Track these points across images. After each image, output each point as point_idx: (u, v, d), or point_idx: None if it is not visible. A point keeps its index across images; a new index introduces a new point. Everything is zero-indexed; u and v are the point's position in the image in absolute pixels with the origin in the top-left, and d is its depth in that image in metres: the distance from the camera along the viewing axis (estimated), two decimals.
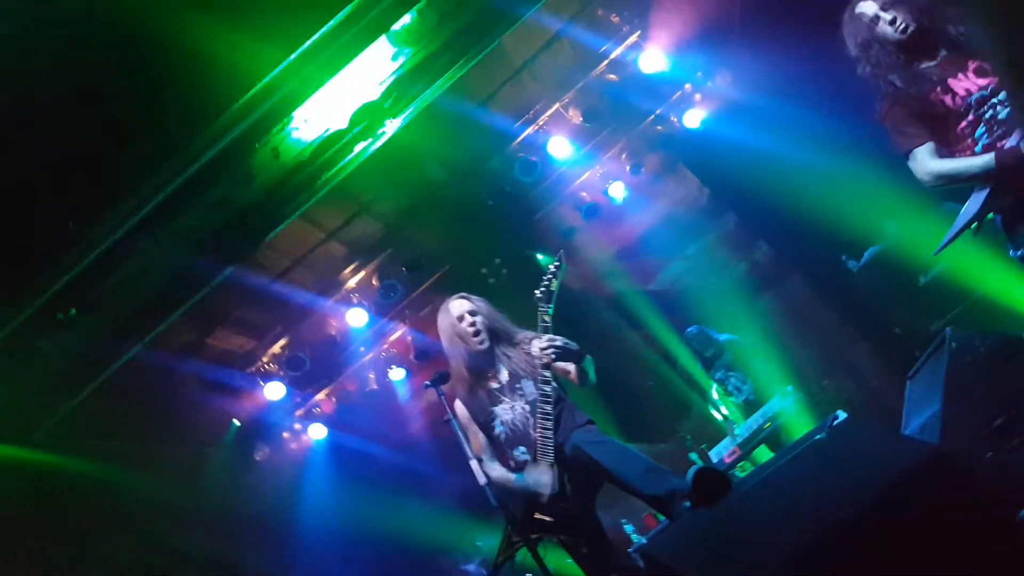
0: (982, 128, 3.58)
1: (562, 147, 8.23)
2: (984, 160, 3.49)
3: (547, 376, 4.44)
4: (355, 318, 8.69)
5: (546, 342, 4.42)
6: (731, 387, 8.37)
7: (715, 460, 7.34)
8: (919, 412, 4.15)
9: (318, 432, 9.27)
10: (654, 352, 9.85)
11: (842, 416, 5.10)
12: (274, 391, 8.63)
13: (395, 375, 9.36)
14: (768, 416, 7.33)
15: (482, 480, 4.06)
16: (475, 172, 8.34)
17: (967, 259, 5.80)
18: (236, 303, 7.90)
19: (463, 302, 4.89)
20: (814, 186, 7.35)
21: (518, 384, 4.66)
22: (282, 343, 8.84)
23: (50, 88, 4.10)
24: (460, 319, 4.80)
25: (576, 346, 4.51)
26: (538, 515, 4.27)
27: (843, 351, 8.50)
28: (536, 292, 4.59)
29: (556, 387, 4.55)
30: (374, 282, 8.73)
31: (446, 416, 4.33)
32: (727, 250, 10.08)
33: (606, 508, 4.63)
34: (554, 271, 4.65)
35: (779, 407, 7.40)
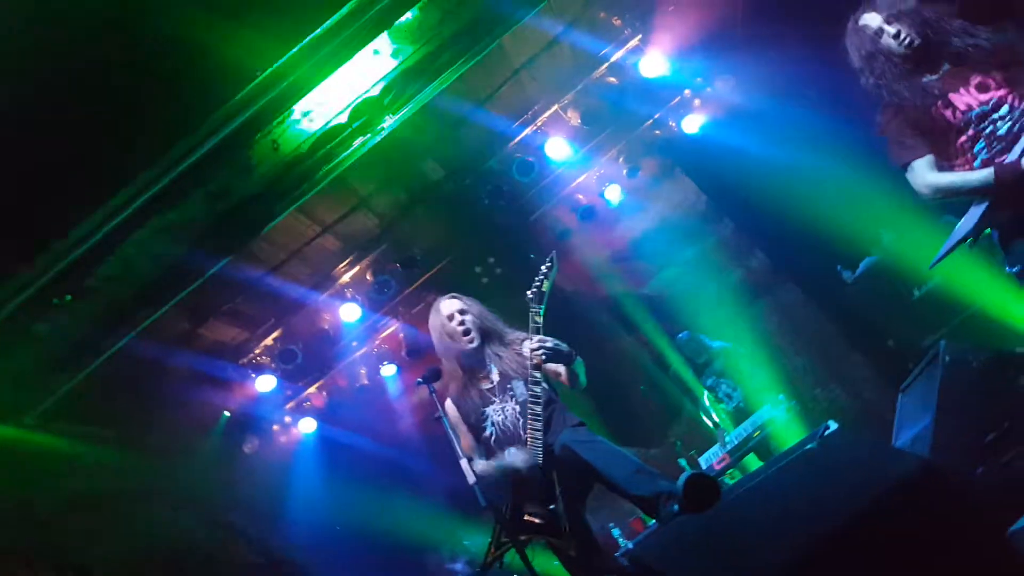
0: (981, 143, 3.60)
1: (560, 148, 8.21)
2: (983, 175, 3.50)
3: (537, 377, 4.43)
4: (348, 313, 8.66)
5: (536, 343, 4.42)
6: (722, 394, 8.37)
7: (704, 467, 7.34)
8: (911, 425, 4.16)
9: (308, 426, 9.28)
10: (646, 356, 9.84)
11: (833, 427, 5.10)
12: (265, 383, 8.62)
13: (387, 371, 9.33)
14: (758, 424, 7.33)
15: (471, 479, 4.05)
16: (472, 171, 8.33)
17: (962, 273, 5.82)
18: (230, 294, 7.89)
19: (453, 301, 4.90)
20: (811, 195, 7.35)
21: (509, 385, 4.66)
22: (275, 336, 8.82)
23: (50, 75, 4.08)
24: (450, 318, 4.81)
25: (567, 347, 4.52)
26: (527, 517, 4.27)
27: (836, 361, 8.50)
28: (528, 293, 4.58)
29: (547, 388, 4.55)
30: (368, 277, 8.70)
31: (436, 414, 4.33)
32: (722, 257, 10.05)
33: (594, 512, 4.61)
34: (545, 272, 4.64)
35: (770, 416, 7.40)
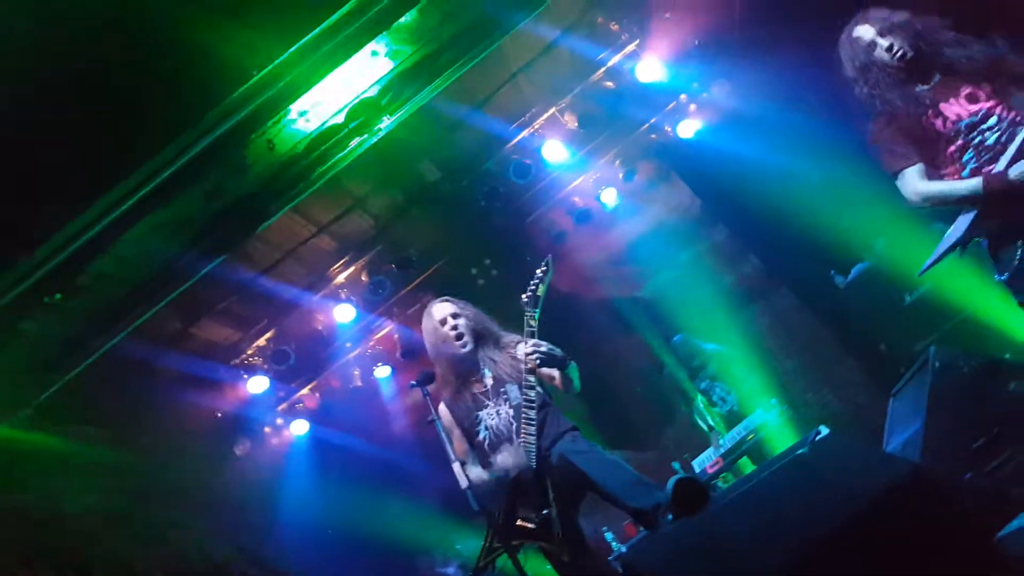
0: (970, 153, 3.66)
1: (557, 151, 8.22)
2: (971, 184, 3.56)
3: (531, 381, 4.42)
4: (342, 314, 8.62)
5: (531, 347, 4.41)
6: (716, 397, 8.39)
7: (698, 470, 7.35)
8: (901, 430, 4.18)
9: (300, 428, 9.19)
10: (641, 359, 9.86)
11: (824, 431, 5.12)
12: (257, 384, 8.58)
13: (380, 373, 9.29)
14: (751, 428, 7.34)
15: (464, 483, 4.06)
16: (469, 172, 8.33)
17: (953, 279, 5.85)
18: (223, 294, 7.87)
19: (446, 305, 4.88)
20: (805, 201, 7.37)
21: (503, 388, 4.65)
22: (267, 336, 8.78)
23: (46, 72, 4.08)
24: (443, 322, 4.79)
25: (560, 352, 4.50)
26: (520, 522, 4.26)
27: (828, 366, 8.52)
28: (523, 297, 4.57)
29: (541, 392, 4.54)
30: (363, 278, 8.66)
31: (430, 417, 4.33)
32: (716, 261, 10.07)
33: (587, 516, 4.61)
34: (541, 276, 4.63)
35: (762, 420, 7.42)
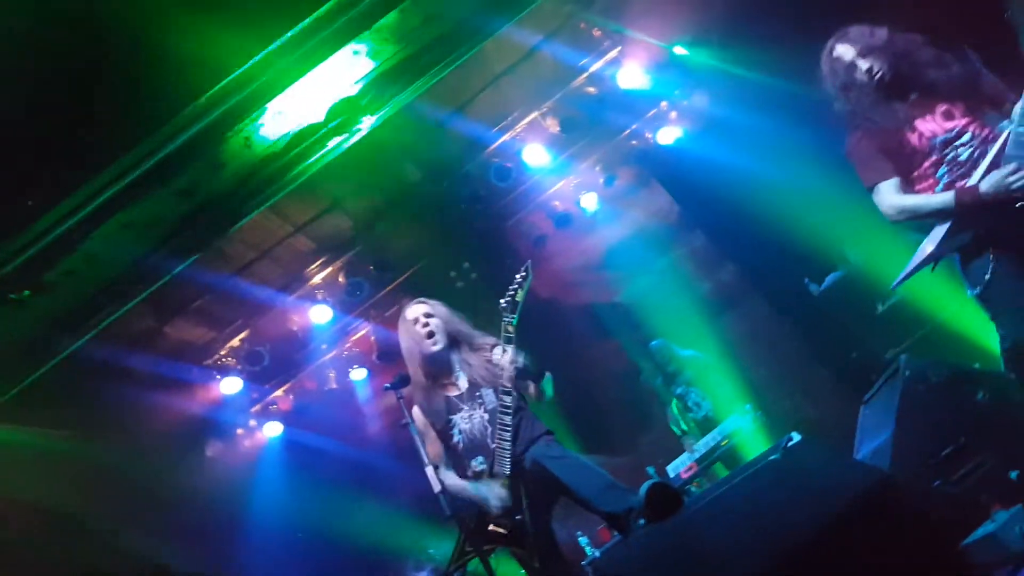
0: (944, 168, 3.76)
1: (537, 155, 8.23)
2: (944, 198, 3.66)
3: (508, 387, 4.44)
4: (319, 315, 8.56)
5: (508, 362, 4.43)
6: (691, 403, 8.41)
7: (672, 475, 7.36)
8: (872, 437, 4.21)
9: (273, 429, 9.11)
10: (618, 364, 9.87)
11: (796, 438, 5.14)
12: (230, 385, 8.49)
13: (356, 375, 9.22)
14: (726, 434, 7.37)
15: (437, 487, 4.05)
16: (449, 175, 8.31)
17: (925, 290, 5.92)
18: (197, 293, 7.80)
19: (420, 306, 4.90)
20: (782, 209, 7.42)
21: (478, 393, 4.65)
22: (242, 336, 8.70)
23: (16, 65, 4.03)
24: (415, 321, 4.81)
25: (535, 367, 4.55)
26: (492, 527, 4.27)
27: (801, 373, 8.56)
28: (501, 302, 4.58)
29: (516, 396, 4.55)
30: (340, 279, 8.60)
31: (404, 420, 4.32)
32: (694, 267, 10.13)
33: (561, 520, 4.61)
34: (520, 281, 4.64)
35: (736, 425, 7.45)
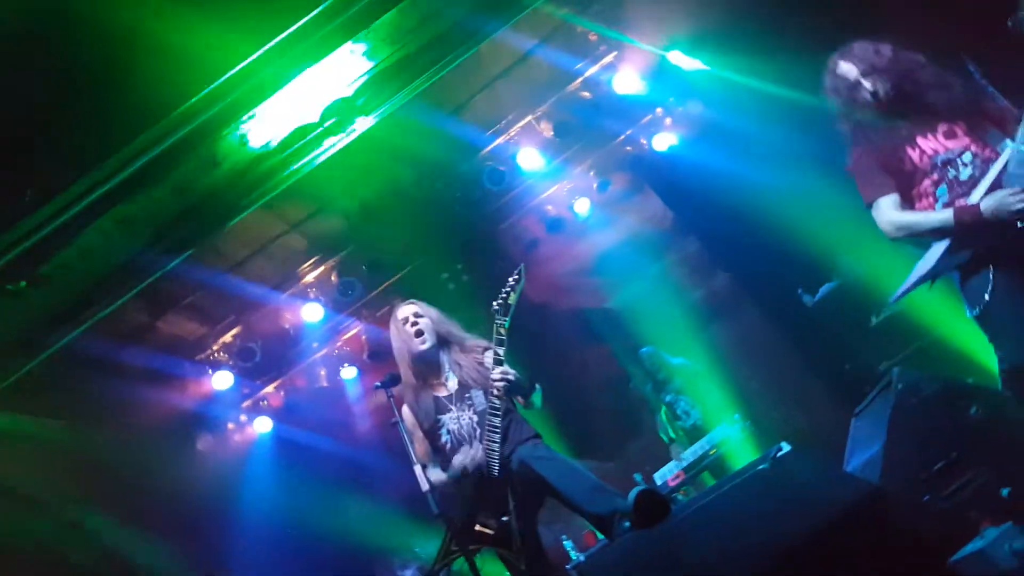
0: (944, 187, 3.74)
1: (531, 159, 8.23)
2: (943, 215, 3.64)
3: (497, 392, 4.46)
4: (311, 313, 8.59)
5: (499, 375, 4.46)
6: (680, 411, 8.40)
7: (659, 483, 7.36)
8: (862, 450, 4.20)
9: (264, 425, 9.17)
10: (608, 370, 9.87)
11: (786, 448, 5.14)
12: (222, 380, 8.53)
13: (347, 374, 9.27)
14: (714, 443, 7.37)
15: (425, 486, 4.06)
16: (443, 177, 8.31)
17: (920, 304, 5.92)
18: (190, 288, 7.79)
19: (410, 306, 4.93)
20: (777, 219, 7.42)
21: (467, 394, 4.66)
22: (234, 332, 8.71)
23: (17, 58, 4.03)
24: (404, 321, 4.83)
25: (526, 381, 4.57)
26: (479, 527, 4.27)
27: (792, 383, 8.56)
28: (494, 304, 4.59)
29: (505, 399, 4.55)
30: (333, 278, 8.63)
31: (393, 419, 4.33)
32: (686, 274, 10.12)
33: (547, 524, 4.62)
34: (513, 284, 4.65)
35: (725, 435, 7.45)
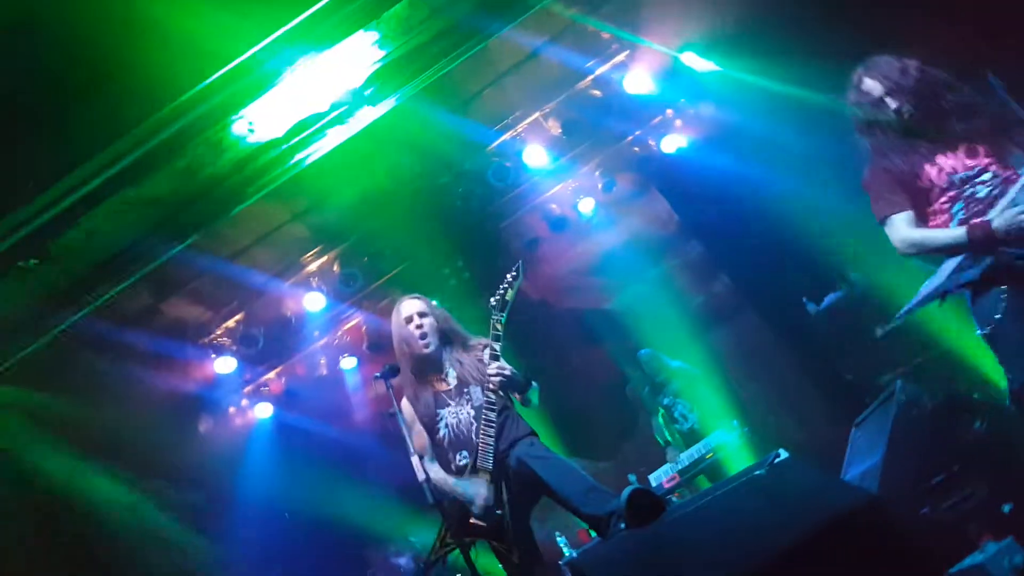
0: (960, 204, 3.69)
1: (537, 156, 8.22)
2: (957, 232, 3.59)
3: (494, 387, 4.46)
4: (312, 302, 8.62)
5: (495, 370, 4.45)
6: (677, 414, 8.38)
7: (654, 484, 7.35)
8: (861, 459, 4.20)
9: (264, 411, 9.26)
10: (606, 371, 9.86)
11: (783, 455, 5.14)
12: (225, 365, 8.58)
13: (346, 363, 9.34)
14: (711, 447, 7.36)
15: (421, 476, 4.05)
16: (448, 171, 8.30)
17: (927, 319, 5.90)
18: (194, 273, 7.80)
19: (415, 302, 4.86)
20: (784, 225, 7.41)
21: (466, 389, 4.65)
22: (237, 318, 8.74)
23: (25, 37, 4.03)
24: (408, 320, 4.78)
25: (523, 378, 4.55)
26: (473, 520, 4.28)
27: (792, 391, 8.55)
28: (491, 300, 4.58)
29: (502, 396, 4.55)
30: (335, 269, 8.66)
31: (391, 410, 4.32)
32: (688, 278, 10.09)
33: (541, 520, 4.61)
34: (510, 280, 4.64)
35: (722, 440, 7.43)
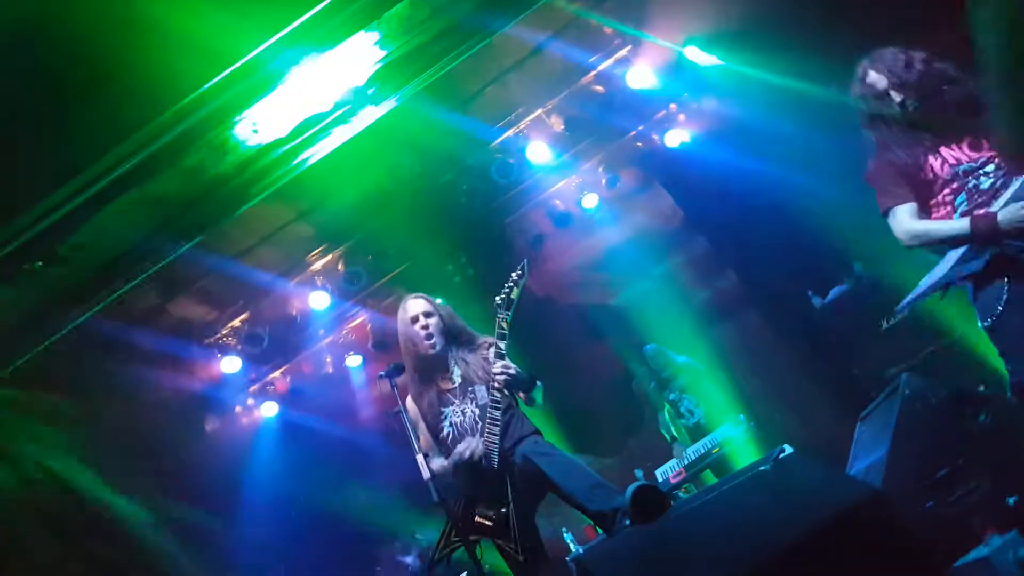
0: (963, 196, 3.68)
1: (541, 152, 8.21)
2: (960, 224, 3.59)
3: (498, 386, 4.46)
4: (317, 301, 8.63)
5: (500, 368, 4.44)
6: (683, 409, 8.39)
7: (660, 480, 7.36)
8: (866, 454, 4.19)
9: (270, 410, 9.30)
10: (611, 367, 9.86)
11: (788, 450, 5.14)
12: (230, 364, 8.62)
13: (352, 361, 9.37)
14: (717, 442, 7.36)
15: (426, 475, 4.06)
16: (451, 168, 8.30)
17: (932, 311, 5.89)
18: (200, 273, 7.82)
19: (421, 302, 4.87)
20: (789, 219, 7.40)
21: (471, 388, 4.66)
22: (243, 318, 8.78)
23: (29, 38, 4.04)
24: (414, 320, 4.78)
25: (527, 376, 4.54)
26: (478, 518, 4.28)
27: (798, 386, 8.54)
28: (496, 299, 4.58)
29: (507, 395, 4.56)
30: (340, 267, 8.67)
31: (396, 408, 4.33)
32: (693, 274, 10.07)
33: (547, 516, 4.63)
34: (516, 279, 4.63)
35: (728, 435, 7.43)
